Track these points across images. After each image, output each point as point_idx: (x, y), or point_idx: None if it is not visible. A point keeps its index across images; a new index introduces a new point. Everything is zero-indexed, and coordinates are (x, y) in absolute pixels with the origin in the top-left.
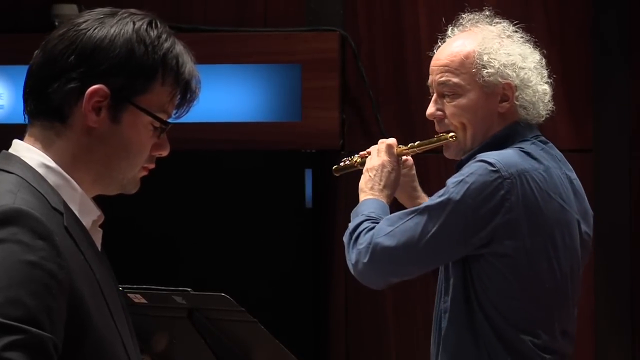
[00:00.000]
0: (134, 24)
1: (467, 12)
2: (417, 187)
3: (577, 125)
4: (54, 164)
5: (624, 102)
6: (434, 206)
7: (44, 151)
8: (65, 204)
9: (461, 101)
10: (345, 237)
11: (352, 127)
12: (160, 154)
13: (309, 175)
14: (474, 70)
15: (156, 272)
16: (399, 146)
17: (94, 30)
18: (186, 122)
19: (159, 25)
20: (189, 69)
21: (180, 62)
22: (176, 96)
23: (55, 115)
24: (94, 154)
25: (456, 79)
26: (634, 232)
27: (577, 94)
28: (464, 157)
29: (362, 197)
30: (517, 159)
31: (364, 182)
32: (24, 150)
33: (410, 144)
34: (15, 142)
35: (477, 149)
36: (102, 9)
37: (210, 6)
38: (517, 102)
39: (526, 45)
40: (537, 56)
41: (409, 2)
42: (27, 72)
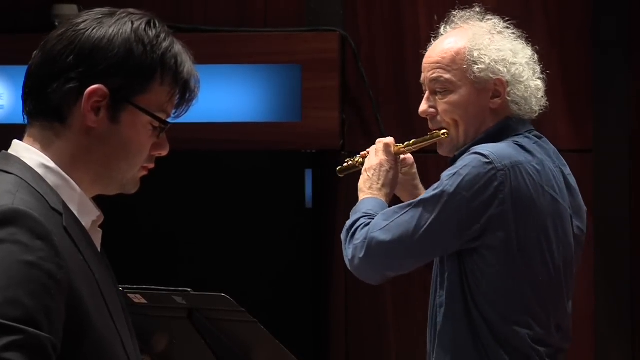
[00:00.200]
0: (133, 23)
1: (457, 9)
2: (419, 185)
3: (577, 125)
4: (53, 164)
5: (624, 102)
6: (428, 199)
7: (43, 151)
8: (64, 204)
9: (453, 98)
10: (342, 234)
11: (352, 127)
12: (159, 153)
13: (309, 175)
14: (465, 66)
15: (156, 272)
16: (397, 145)
17: (93, 30)
18: (186, 123)
19: (158, 24)
20: (188, 69)
21: (179, 62)
22: (175, 96)
23: (54, 115)
24: (94, 154)
25: (447, 75)
26: (633, 232)
27: (577, 94)
28: (457, 153)
29: (361, 196)
30: (511, 151)
31: (362, 182)
32: (23, 150)
33: (406, 142)
34: (14, 142)
35: (471, 144)
36: (100, 9)
37: (210, 6)
38: (508, 98)
39: (518, 41)
40: (529, 52)
41: (409, 2)
42: (26, 72)
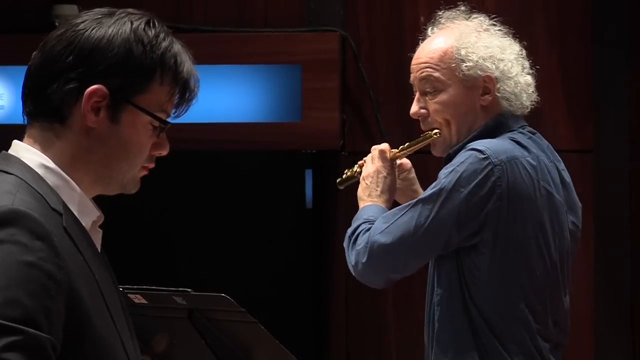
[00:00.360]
0: (132, 23)
1: (442, 9)
2: (419, 190)
3: (577, 125)
4: (53, 165)
5: (624, 103)
6: (426, 198)
7: (43, 152)
8: (64, 205)
9: (443, 97)
10: (344, 242)
11: (352, 127)
12: (160, 153)
13: (309, 175)
14: (454, 64)
15: (156, 272)
16: (392, 150)
17: (92, 30)
18: (186, 123)
19: (157, 24)
20: (188, 68)
21: (178, 61)
22: (175, 95)
23: (54, 116)
24: (94, 154)
25: (436, 73)
26: (634, 232)
27: (577, 94)
28: (452, 151)
29: (361, 204)
30: (507, 146)
31: (361, 190)
32: (23, 151)
33: (401, 147)
34: (14, 142)
35: (466, 141)
36: (100, 9)
37: (210, 6)
38: (498, 94)
39: (505, 37)
40: (517, 47)
41: (409, 2)
42: (25, 73)
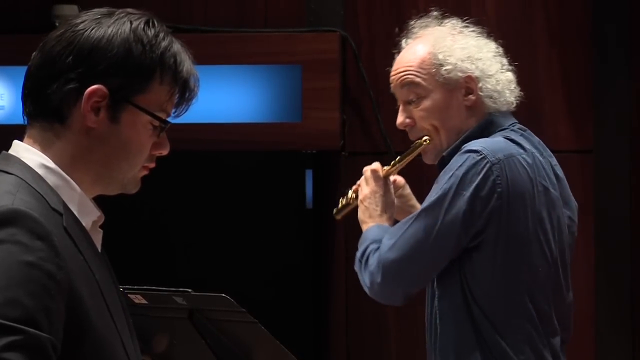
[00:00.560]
0: (131, 23)
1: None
2: (416, 205)
3: (577, 126)
4: (53, 165)
5: (625, 103)
6: (429, 207)
7: (43, 152)
8: (64, 205)
9: (426, 103)
10: (355, 266)
11: (352, 127)
12: (160, 153)
13: (309, 175)
14: (433, 70)
15: (156, 272)
16: (384, 168)
17: (92, 30)
18: (187, 123)
19: (156, 24)
20: (187, 68)
21: (178, 61)
22: (175, 95)
23: (54, 116)
24: (94, 154)
25: (417, 79)
26: (634, 232)
27: (577, 95)
28: (445, 154)
29: (364, 227)
30: (502, 144)
31: (361, 213)
32: (23, 151)
33: (392, 162)
34: (14, 142)
35: (456, 144)
36: (99, 9)
37: (210, 7)
38: (482, 93)
39: (479, 37)
40: (493, 46)
41: (409, 2)
42: (25, 73)
